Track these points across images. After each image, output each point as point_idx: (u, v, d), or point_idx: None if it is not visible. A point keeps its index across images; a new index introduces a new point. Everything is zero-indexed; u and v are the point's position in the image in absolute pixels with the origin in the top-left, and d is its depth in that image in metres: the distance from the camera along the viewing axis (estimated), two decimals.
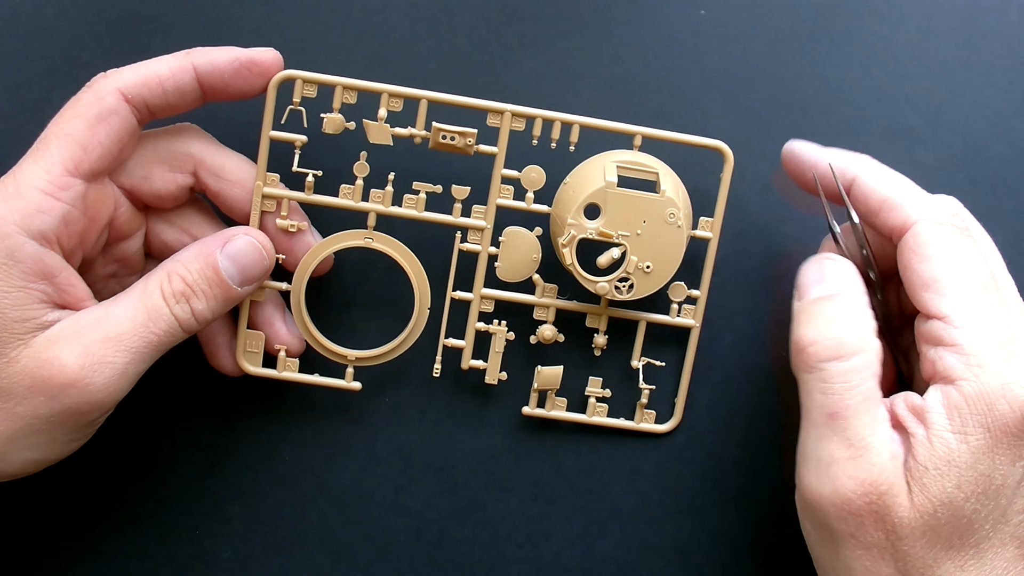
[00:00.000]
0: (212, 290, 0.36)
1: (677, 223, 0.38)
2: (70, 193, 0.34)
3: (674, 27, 0.42)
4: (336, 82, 0.38)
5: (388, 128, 0.38)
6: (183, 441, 0.42)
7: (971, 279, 0.34)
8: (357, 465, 0.42)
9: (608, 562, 0.41)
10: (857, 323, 0.34)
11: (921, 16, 0.42)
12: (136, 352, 0.35)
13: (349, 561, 0.41)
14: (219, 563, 0.41)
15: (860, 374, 0.33)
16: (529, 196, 0.39)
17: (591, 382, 0.41)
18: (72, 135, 0.34)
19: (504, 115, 0.38)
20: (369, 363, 0.40)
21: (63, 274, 0.35)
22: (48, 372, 0.33)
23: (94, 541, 0.41)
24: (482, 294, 0.40)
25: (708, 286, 0.40)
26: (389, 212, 0.39)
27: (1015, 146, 0.42)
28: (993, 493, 0.32)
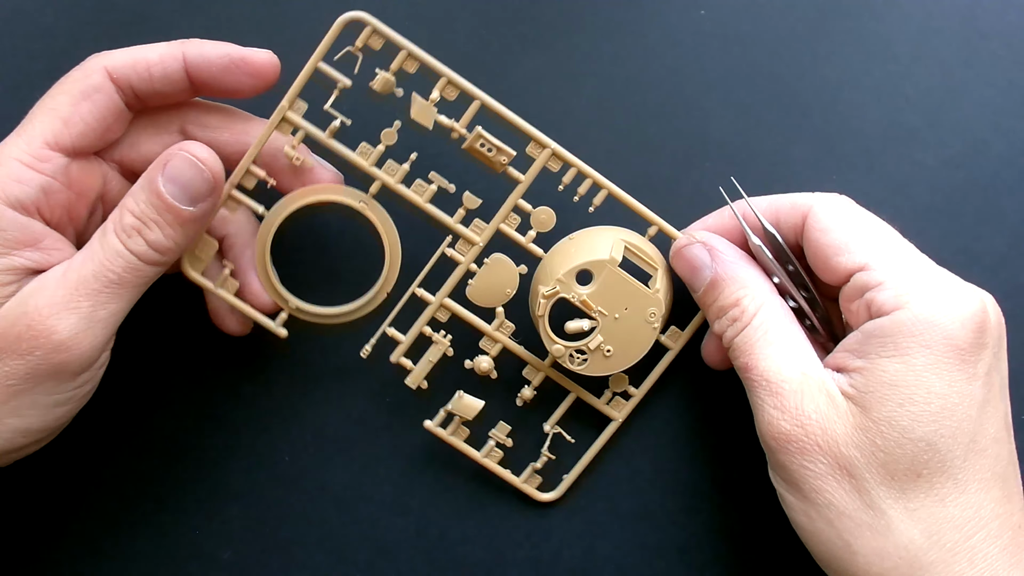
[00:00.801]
0: (162, 217, 0.34)
1: (653, 324, 0.38)
2: (50, 166, 0.34)
3: (674, 27, 0.42)
4: (405, 46, 0.36)
5: (434, 112, 0.37)
6: (183, 441, 0.42)
7: (877, 231, 0.35)
8: (357, 465, 0.42)
9: (608, 562, 0.41)
10: (742, 288, 0.36)
11: (921, 16, 0.42)
12: (99, 293, 0.34)
13: (349, 561, 0.41)
14: (219, 563, 0.41)
15: (759, 327, 0.35)
16: (531, 234, 0.39)
17: (500, 426, 0.40)
18: (56, 110, 0.34)
19: (545, 150, 0.38)
20: (308, 318, 0.39)
21: (47, 239, 0.34)
22: (17, 328, 0.33)
23: (94, 541, 0.41)
24: (443, 302, 0.39)
25: (647, 389, 0.40)
26: (395, 188, 0.38)
27: (1015, 146, 0.42)
28: (951, 413, 0.32)
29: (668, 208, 0.41)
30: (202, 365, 0.41)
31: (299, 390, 0.42)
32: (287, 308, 0.39)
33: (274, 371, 0.42)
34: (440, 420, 0.40)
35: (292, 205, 0.38)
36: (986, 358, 0.33)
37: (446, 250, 0.39)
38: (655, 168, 0.42)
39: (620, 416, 0.41)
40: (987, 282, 0.41)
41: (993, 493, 0.33)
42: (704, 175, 0.42)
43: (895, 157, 0.42)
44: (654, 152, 0.42)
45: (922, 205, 0.42)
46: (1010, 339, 0.42)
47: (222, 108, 0.38)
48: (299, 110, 0.37)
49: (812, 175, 0.42)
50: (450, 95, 0.37)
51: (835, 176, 0.42)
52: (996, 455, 0.33)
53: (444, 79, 0.37)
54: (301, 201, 0.38)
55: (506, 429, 0.40)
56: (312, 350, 0.42)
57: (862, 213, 0.36)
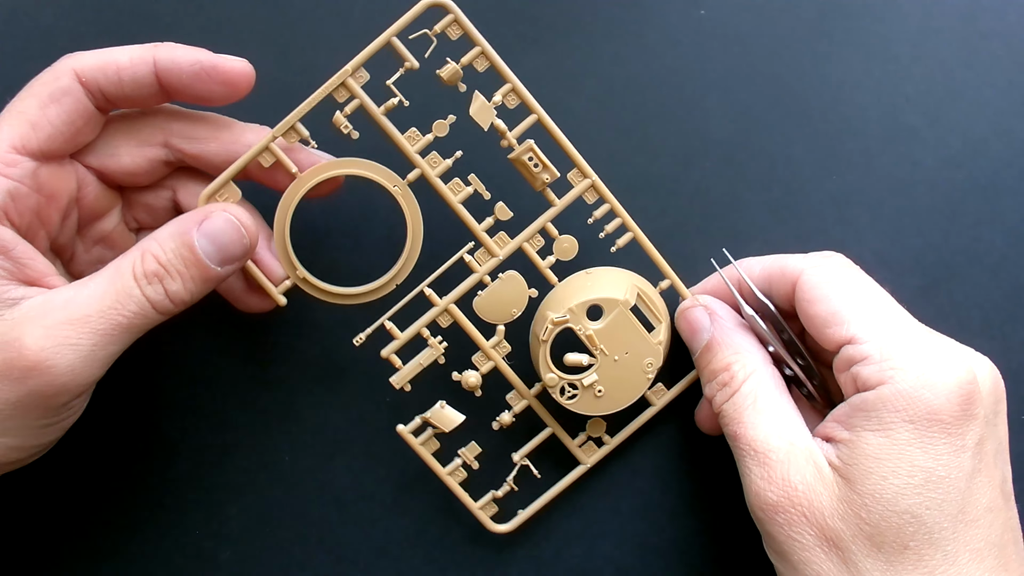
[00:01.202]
0: (188, 271, 0.34)
1: (648, 374, 0.38)
2: (17, 170, 0.34)
3: (674, 27, 0.42)
4: (481, 43, 0.36)
5: (493, 114, 0.37)
6: (183, 441, 0.42)
7: (865, 299, 0.35)
8: (357, 465, 0.42)
9: (608, 562, 0.41)
10: (733, 353, 0.36)
11: (921, 16, 0.42)
12: (103, 335, 0.33)
13: (349, 561, 0.41)
14: (219, 563, 0.41)
15: (748, 395, 0.35)
16: (551, 259, 0.39)
17: (470, 447, 0.40)
18: (23, 113, 0.34)
19: (586, 181, 0.38)
20: (312, 292, 0.38)
21: (18, 247, 0.34)
22: (9, 355, 0.32)
23: (94, 541, 0.41)
24: (448, 307, 0.39)
25: (621, 441, 0.40)
26: (432, 181, 0.37)
27: (1015, 146, 0.42)
28: (936, 485, 0.32)
29: (668, 208, 0.42)
30: (202, 365, 0.41)
31: (299, 390, 0.42)
32: (293, 276, 0.38)
33: (274, 371, 0.42)
34: (414, 427, 0.39)
35: (327, 171, 0.37)
36: (975, 428, 0.33)
37: (465, 256, 0.38)
38: (655, 168, 0.42)
39: (589, 462, 0.40)
40: (987, 283, 0.42)
41: (987, 563, 0.32)
42: (704, 175, 0.42)
43: (895, 157, 0.42)
44: (654, 152, 0.42)
45: (922, 205, 0.42)
46: (1011, 340, 0.42)
47: (207, 118, 0.37)
48: (360, 79, 0.37)
49: (812, 175, 0.42)
50: (511, 102, 0.37)
51: (835, 176, 0.42)
52: (990, 524, 0.33)
53: (509, 86, 0.37)
54: (337, 170, 0.37)
55: (476, 451, 0.40)
56: (312, 350, 0.42)
57: (851, 278, 0.36)
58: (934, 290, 0.42)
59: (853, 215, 0.42)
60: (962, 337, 0.41)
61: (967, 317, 0.42)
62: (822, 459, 0.34)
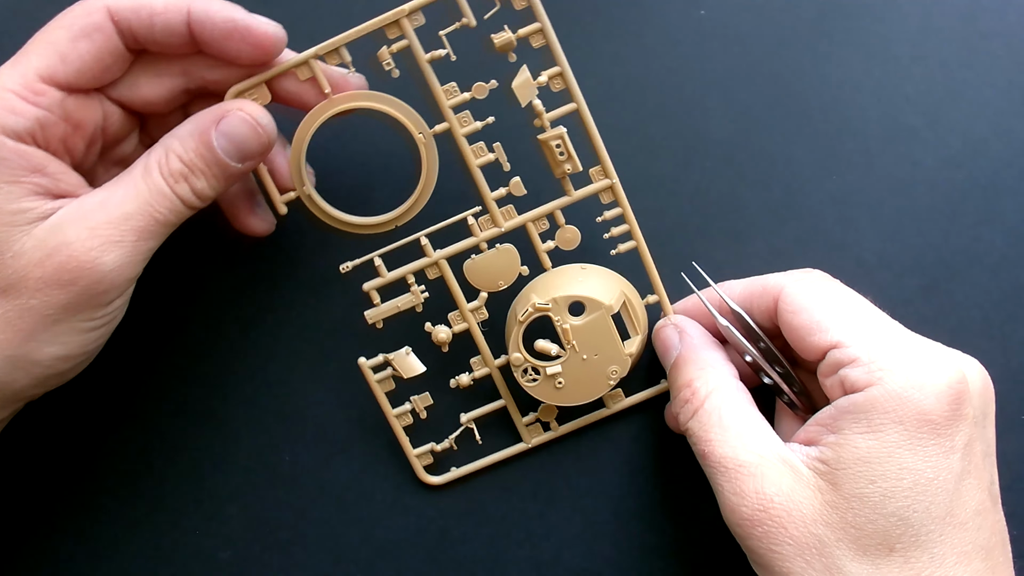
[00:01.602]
0: (210, 169, 0.35)
1: (610, 380, 0.38)
2: (45, 99, 0.34)
3: (674, 27, 0.42)
4: (543, 21, 0.37)
5: (535, 93, 0.37)
6: (182, 441, 0.42)
7: (849, 307, 0.35)
8: (357, 465, 0.42)
9: (608, 562, 0.41)
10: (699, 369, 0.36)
11: (921, 16, 0.42)
12: (143, 231, 0.34)
13: (349, 561, 0.41)
14: (219, 563, 0.41)
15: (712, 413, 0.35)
16: (550, 244, 0.39)
17: (423, 396, 0.40)
18: (53, 44, 0.34)
19: (605, 181, 0.38)
20: (314, 210, 0.38)
21: (51, 166, 0.34)
22: (58, 258, 0.33)
23: (94, 541, 0.41)
24: (439, 261, 0.39)
25: (566, 432, 0.41)
26: (458, 139, 0.38)
27: (1015, 146, 0.42)
28: (925, 488, 0.32)
29: (668, 208, 0.42)
30: (202, 365, 0.41)
31: (299, 390, 0.42)
32: (299, 190, 0.38)
33: (274, 370, 0.42)
34: (375, 363, 0.40)
35: (360, 101, 0.37)
36: (965, 429, 0.32)
37: (469, 217, 0.39)
38: (655, 168, 0.42)
39: (531, 443, 0.41)
40: (987, 283, 0.42)
41: (975, 566, 0.32)
42: (704, 175, 0.42)
43: (895, 157, 0.42)
44: (654, 152, 0.42)
45: (922, 205, 0.42)
46: (1011, 340, 0.42)
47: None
48: (415, 21, 0.37)
49: (812, 175, 0.42)
50: (556, 86, 0.37)
51: (835, 176, 0.42)
52: (978, 527, 0.32)
53: (558, 69, 0.37)
54: (369, 102, 0.37)
55: (427, 402, 0.40)
56: (312, 350, 0.42)
57: (833, 289, 0.36)
58: (934, 290, 0.42)
59: (853, 215, 0.42)
60: (962, 337, 0.41)
61: (967, 317, 0.42)
62: (800, 465, 0.33)
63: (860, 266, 0.42)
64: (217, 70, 0.37)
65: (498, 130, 0.38)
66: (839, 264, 0.41)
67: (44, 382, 0.35)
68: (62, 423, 0.41)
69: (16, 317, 0.33)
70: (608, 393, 0.40)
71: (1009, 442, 0.41)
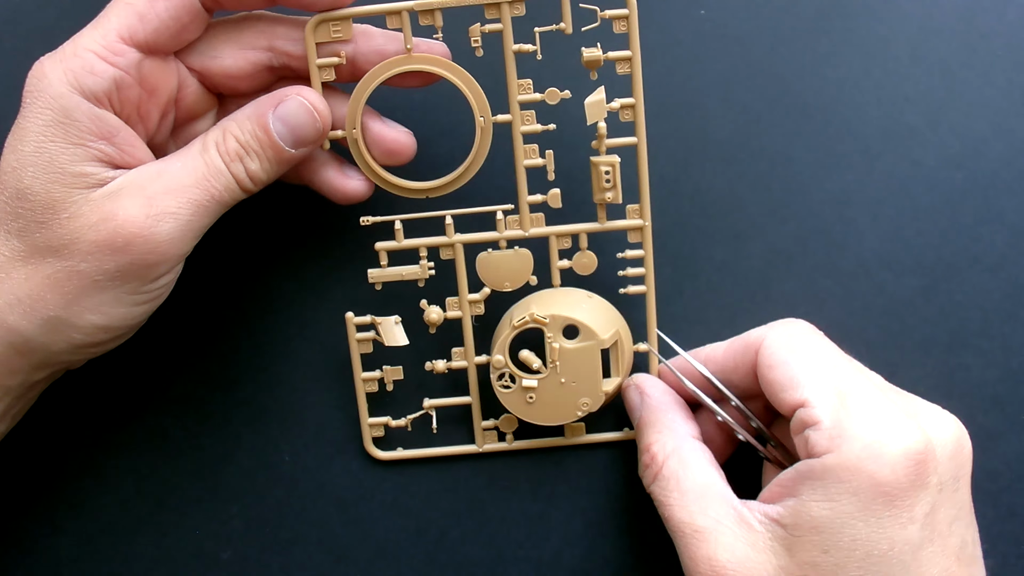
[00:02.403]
0: (264, 151, 0.35)
1: (578, 412, 0.39)
2: (123, 59, 0.34)
3: (674, 27, 0.42)
4: (635, 51, 0.37)
5: (603, 115, 0.37)
6: (183, 441, 0.42)
7: (822, 363, 0.34)
8: (357, 465, 0.42)
9: (608, 562, 0.41)
10: (654, 427, 0.37)
11: (921, 16, 0.42)
12: (199, 205, 0.34)
13: (349, 561, 0.41)
14: (219, 563, 0.41)
15: (671, 477, 0.35)
16: (565, 263, 0.39)
17: (395, 368, 0.40)
18: (132, 4, 0.34)
19: (638, 220, 0.39)
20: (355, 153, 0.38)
21: (122, 133, 0.34)
22: (112, 225, 0.33)
23: (94, 541, 0.41)
24: (455, 244, 0.39)
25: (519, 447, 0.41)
26: (515, 134, 0.38)
27: (1015, 146, 0.42)
28: (880, 560, 0.31)
29: (668, 208, 0.42)
30: (202, 364, 0.41)
31: (299, 390, 0.42)
32: (348, 131, 0.38)
33: (274, 371, 0.42)
34: (361, 322, 0.40)
35: (437, 66, 0.37)
36: (926, 498, 0.32)
37: (499, 212, 0.39)
38: (655, 168, 0.42)
39: (482, 448, 0.41)
40: (987, 283, 0.42)
41: None
42: (704, 175, 0.42)
43: (895, 157, 0.42)
44: (654, 152, 0.42)
45: (922, 205, 0.42)
46: (1011, 340, 0.42)
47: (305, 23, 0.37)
48: (516, 11, 0.37)
49: (812, 175, 0.42)
50: (625, 116, 0.38)
51: (835, 176, 0.42)
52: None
53: (632, 101, 0.38)
54: (445, 70, 0.37)
55: (397, 376, 0.40)
56: (312, 350, 0.42)
57: (811, 343, 0.35)
58: (934, 290, 0.42)
59: (853, 215, 0.42)
60: (962, 337, 0.41)
61: (967, 317, 0.42)
62: (758, 526, 0.33)
63: (860, 266, 0.42)
64: (300, 44, 0.37)
65: (554, 139, 0.38)
66: (839, 264, 0.42)
67: (81, 350, 0.35)
68: (62, 423, 0.41)
69: (64, 278, 0.33)
70: (571, 425, 0.40)
71: (1009, 442, 0.41)
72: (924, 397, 0.36)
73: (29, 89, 0.34)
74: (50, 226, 0.33)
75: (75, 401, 0.41)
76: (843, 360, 0.35)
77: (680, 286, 0.41)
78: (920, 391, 0.36)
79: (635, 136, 0.38)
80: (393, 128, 0.38)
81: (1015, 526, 0.41)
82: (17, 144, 0.34)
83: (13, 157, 0.34)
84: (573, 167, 0.39)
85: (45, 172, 0.33)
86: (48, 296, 0.33)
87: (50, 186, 0.33)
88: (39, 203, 0.33)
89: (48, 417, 0.41)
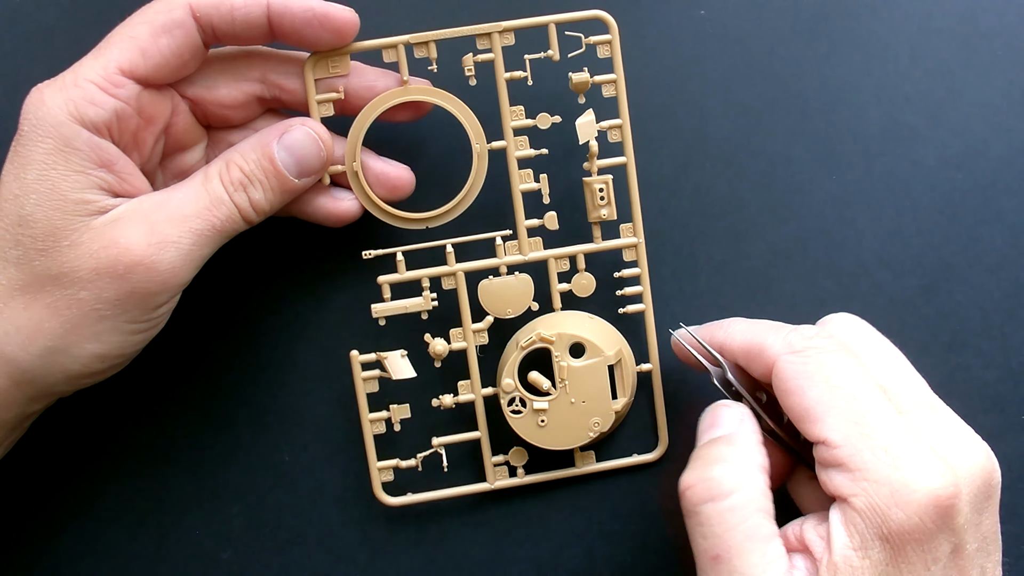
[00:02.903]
0: (268, 180, 0.36)
1: (590, 432, 0.39)
2: (124, 91, 0.34)
3: (674, 27, 0.42)
4: (619, 76, 0.38)
5: (594, 135, 0.38)
6: (183, 441, 0.42)
7: (841, 397, 0.32)
8: (357, 465, 0.42)
9: (608, 562, 0.41)
10: (737, 462, 0.33)
11: (921, 16, 0.42)
12: (200, 235, 0.35)
13: (349, 561, 0.41)
14: (219, 563, 0.41)
15: (739, 513, 0.32)
16: (564, 286, 0.39)
17: (402, 407, 0.39)
18: (135, 39, 0.35)
19: (633, 239, 0.39)
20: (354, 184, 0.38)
21: (120, 162, 0.35)
22: (114, 252, 0.33)
23: (94, 541, 0.41)
24: (457, 272, 0.39)
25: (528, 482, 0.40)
26: (510, 161, 0.38)
27: (1015, 146, 0.42)
28: None
29: (668, 208, 0.42)
30: (202, 364, 0.41)
31: (299, 390, 0.42)
32: (349, 166, 0.38)
33: (274, 371, 0.42)
34: (366, 360, 0.39)
35: (434, 96, 0.38)
36: (952, 538, 0.31)
37: (498, 238, 0.39)
38: (655, 168, 0.42)
39: (494, 485, 0.40)
40: (987, 283, 0.42)
41: None
42: (704, 175, 0.42)
43: (895, 157, 0.42)
44: (654, 152, 0.42)
45: (922, 205, 0.42)
46: (1011, 340, 0.42)
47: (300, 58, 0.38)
48: (506, 40, 0.38)
49: (812, 175, 0.42)
50: (612, 136, 0.39)
51: (835, 176, 0.42)
52: None
53: (620, 122, 0.39)
54: (442, 100, 0.38)
55: (405, 413, 0.40)
56: (312, 350, 0.42)
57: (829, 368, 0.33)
58: (934, 290, 0.42)
59: (853, 215, 0.42)
60: (962, 337, 0.41)
61: (967, 317, 0.42)
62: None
63: (860, 266, 0.42)
64: (294, 78, 0.37)
65: (549, 161, 0.39)
66: (839, 264, 0.42)
67: (75, 380, 0.35)
68: (62, 423, 0.41)
69: (64, 307, 0.34)
70: (580, 453, 0.40)
71: (1009, 442, 0.41)
72: None
73: (28, 117, 0.34)
74: (51, 254, 0.33)
75: (75, 401, 0.41)
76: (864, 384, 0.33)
77: (680, 286, 0.41)
78: None
79: (624, 156, 0.39)
80: (392, 165, 0.39)
81: (1015, 526, 0.41)
82: (19, 172, 0.34)
83: (16, 185, 0.34)
84: (563, 190, 0.40)
85: (47, 200, 0.33)
86: (47, 325, 0.34)
87: (52, 213, 0.33)
88: (40, 230, 0.33)
89: (48, 417, 0.41)
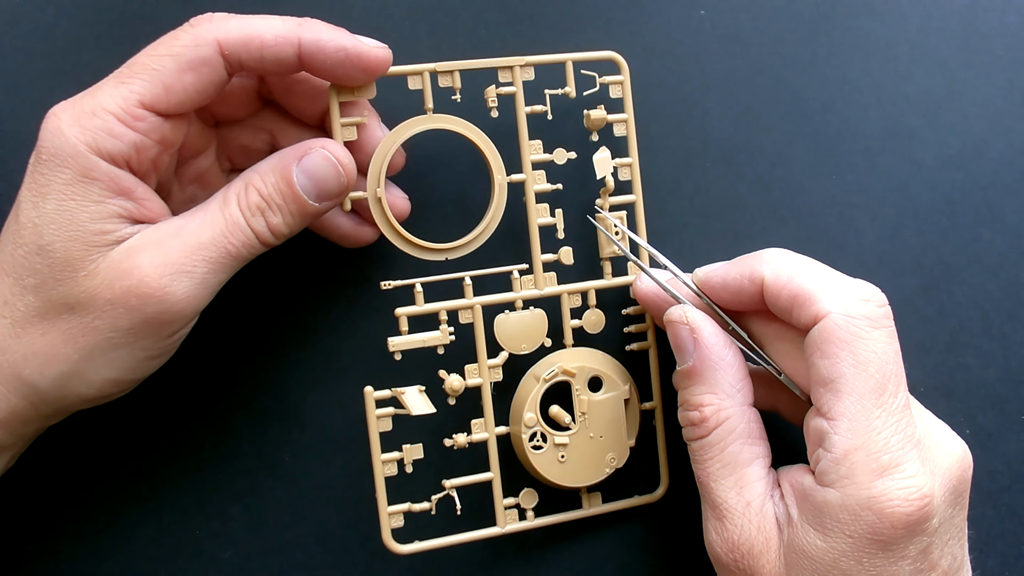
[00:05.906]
0: (287, 205, 0.35)
1: (606, 468, 0.39)
2: (144, 124, 0.34)
3: (674, 27, 0.42)
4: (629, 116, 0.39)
5: (609, 170, 0.39)
6: (183, 441, 0.42)
7: (867, 383, 0.33)
8: (357, 465, 0.42)
9: (608, 562, 0.41)
10: (707, 383, 0.35)
11: (921, 16, 0.42)
12: (215, 262, 0.34)
13: (349, 561, 0.41)
14: (219, 563, 0.41)
15: (716, 446, 0.35)
16: (575, 322, 0.39)
17: (415, 447, 0.39)
18: (159, 72, 0.34)
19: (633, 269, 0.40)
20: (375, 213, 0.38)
21: (139, 190, 0.34)
22: (128, 282, 0.33)
23: (94, 541, 0.41)
24: (474, 307, 0.39)
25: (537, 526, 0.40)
26: (528, 192, 0.39)
27: (1015, 146, 0.42)
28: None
29: (668, 208, 0.42)
30: (202, 365, 0.41)
31: (299, 390, 0.42)
32: (370, 190, 0.37)
33: (274, 371, 0.42)
34: (381, 397, 0.38)
35: (459, 126, 0.38)
36: (923, 539, 0.32)
37: (514, 272, 0.39)
38: (655, 168, 0.42)
39: (504, 529, 0.39)
40: (987, 283, 0.42)
41: None
42: (704, 175, 0.42)
43: (895, 157, 0.42)
44: (655, 152, 0.42)
45: (922, 205, 0.42)
46: (1011, 340, 0.42)
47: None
48: (527, 74, 0.38)
49: (812, 175, 0.42)
50: (623, 175, 0.40)
51: (835, 176, 0.42)
52: None
53: (630, 161, 0.40)
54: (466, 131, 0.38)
55: (416, 454, 0.39)
56: (312, 350, 0.42)
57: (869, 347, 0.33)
58: (934, 290, 0.42)
59: (853, 215, 0.42)
60: (962, 337, 0.41)
61: (967, 317, 0.42)
62: (773, 529, 0.34)
63: (860, 266, 0.42)
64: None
65: (564, 196, 0.40)
66: (839, 264, 0.41)
67: (91, 402, 0.35)
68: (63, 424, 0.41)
69: (80, 334, 0.34)
70: (587, 493, 0.40)
71: (1009, 442, 0.41)
72: (924, 397, 0.36)
73: (45, 144, 0.33)
74: (67, 283, 0.33)
75: None
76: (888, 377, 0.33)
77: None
78: (920, 391, 0.36)
79: (633, 194, 0.39)
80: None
81: (1015, 526, 0.41)
82: (38, 200, 0.33)
83: (34, 212, 0.34)
84: (584, 223, 0.40)
85: (66, 230, 0.33)
86: (63, 351, 0.34)
87: (70, 244, 0.33)
88: (58, 260, 0.33)
89: None
